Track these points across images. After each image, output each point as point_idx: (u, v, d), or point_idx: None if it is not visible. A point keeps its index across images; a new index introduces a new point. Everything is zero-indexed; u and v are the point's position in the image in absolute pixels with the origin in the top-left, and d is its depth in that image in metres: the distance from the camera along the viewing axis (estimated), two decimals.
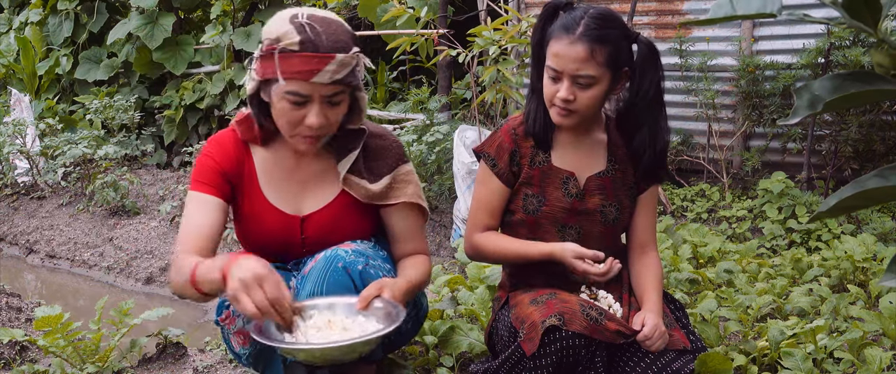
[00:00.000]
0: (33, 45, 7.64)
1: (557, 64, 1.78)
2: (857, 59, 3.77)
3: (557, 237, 1.96)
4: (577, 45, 1.76)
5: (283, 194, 1.94)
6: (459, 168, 3.95)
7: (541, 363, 1.74)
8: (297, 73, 1.69)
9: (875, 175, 0.85)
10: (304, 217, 1.94)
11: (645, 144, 1.91)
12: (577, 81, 1.78)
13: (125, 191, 5.29)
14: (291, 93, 1.72)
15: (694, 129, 4.64)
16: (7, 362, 2.61)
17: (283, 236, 1.94)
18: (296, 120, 1.76)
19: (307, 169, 1.96)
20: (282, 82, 1.71)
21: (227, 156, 1.92)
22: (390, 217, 1.99)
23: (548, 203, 1.94)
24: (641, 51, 1.85)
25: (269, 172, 1.94)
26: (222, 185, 1.90)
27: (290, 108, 1.74)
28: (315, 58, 1.69)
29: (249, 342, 1.87)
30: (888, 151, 4.04)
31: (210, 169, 1.90)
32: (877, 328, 2.33)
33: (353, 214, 1.96)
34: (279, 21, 1.74)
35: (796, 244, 3.67)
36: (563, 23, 1.80)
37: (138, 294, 4.28)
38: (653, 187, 2.02)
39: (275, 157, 1.95)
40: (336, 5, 5.92)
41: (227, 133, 1.96)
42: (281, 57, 1.70)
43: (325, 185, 1.96)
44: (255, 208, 1.94)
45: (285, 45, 1.69)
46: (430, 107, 5.19)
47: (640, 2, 4.67)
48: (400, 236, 2.01)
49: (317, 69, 1.69)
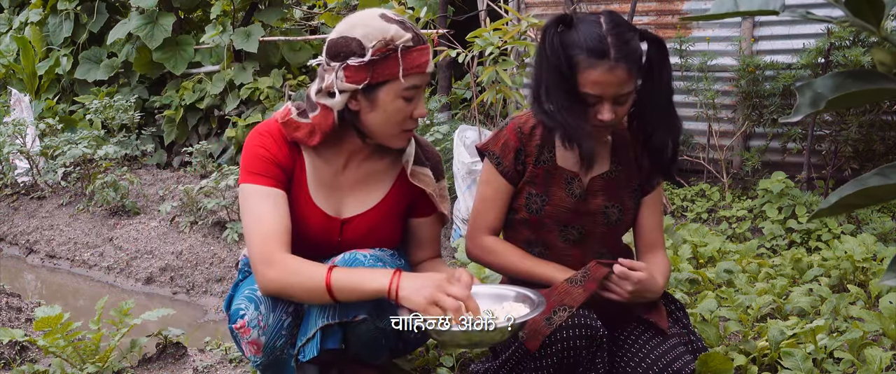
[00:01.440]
0: (33, 45, 7.64)
1: (598, 91, 1.74)
2: (857, 59, 3.77)
3: (559, 238, 1.95)
4: (616, 70, 1.72)
5: (328, 195, 1.95)
6: (459, 168, 3.94)
7: (542, 363, 1.74)
8: (417, 66, 1.77)
9: (876, 173, 0.85)
10: (344, 220, 1.96)
11: (665, 141, 1.89)
12: (618, 101, 1.77)
13: (125, 191, 5.28)
14: (411, 87, 1.79)
15: (694, 129, 4.64)
16: (7, 362, 2.61)
17: (322, 236, 1.95)
18: (407, 115, 1.82)
19: (353, 173, 1.97)
20: (401, 80, 1.76)
21: (281, 148, 1.89)
22: (421, 226, 2.07)
23: (551, 203, 1.93)
24: (653, 49, 1.82)
25: (317, 173, 1.94)
26: (280, 176, 1.87)
27: (405, 104, 1.80)
28: (426, 49, 1.79)
29: (262, 351, 1.86)
30: (888, 151, 4.04)
31: (267, 160, 1.86)
32: (877, 328, 2.33)
33: (390, 220, 2.00)
34: (374, 23, 1.76)
35: (796, 244, 3.67)
36: (588, 46, 1.73)
37: (138, 294, 4.28)
38: (658, 187, 2.02)
39: (324, 158, 1.94)
40: (336, 5, 5.93)
41: (275, 126, 1.90)
42: (404, 54, 1.76)
43: (370, 189, 1.98)
44: (301, 207, 1.92)
45: (403, 43, 1.75)
46: (430, 107, 5.19)
47: (640, 2, 4.67)
48: (423, 242, 2.09)
49: (428, 60, 1.80)
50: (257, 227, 1.80)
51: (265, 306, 1.85)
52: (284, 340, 1.88)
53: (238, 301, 1.87)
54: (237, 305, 1.86)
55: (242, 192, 1.86)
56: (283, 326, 1.87)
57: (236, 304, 1.86)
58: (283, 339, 1.87)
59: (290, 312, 1.88)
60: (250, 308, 1.83)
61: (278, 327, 1.86)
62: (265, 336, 1.84)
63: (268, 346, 1.86)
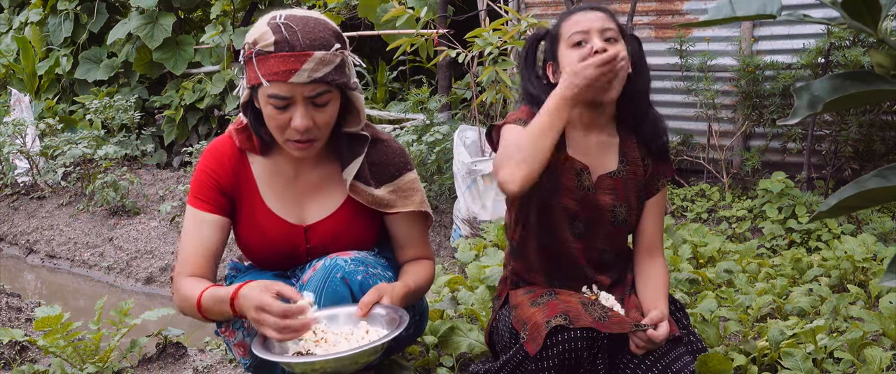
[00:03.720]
0: (33, 45, 7.64)
1: (583, 26, 1.86)
2: (856, 60, 3.76)
3: (567, 226, 1.95)
4: (594, 10, 1.89)
5: (285, 203, 1.90)
6: (459, 168, 3.94)
7: (543, 364, 1.74)
8: (275, 74, 1.65)
9: (875, 175, 0.85)
10: (307, 227, 1.91)
11: (656, 127, 1.99)
12: (605, 35, 1.85)
13: (125, 191, 5.29)
14: (273, 96, 1.67)
15: (694, 129, 4.64)
16: (7, 362, 2.61)
17: (288, 246, 1.91)
18: (283, 124, 1.71)
19: (309, 177, 1.92)
20: (265, 85, 1.68)
21: (224, 168, 1.88)
22: (395, 224, 1.96)
23: (560, 192, 1.93)
24: (634, 47, 1.92)
25: (270, 182, 1.90)
26: (219, 200, 1.87)
27: (275, 112, 1.70)
28: (291, 57, 1.64)
29: (249, 353, 1.86)
30: (888, 151, 4.04)
31: (206, 184, 1.87)
32: (877, 328, 2.33)
33: (358, 222, 1.93)
34: (259, 24, 1.71)
35: (796, 244, 3.67)
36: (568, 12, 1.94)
37: (138, 294, 4.28)
38: (662, 191, 2.04)
39: (275, 166, 1.90)
40: (336, 5, 5.93)
41: (225, 141, 1.91)
42: (259, 59, 1.67)
43: (329, 193, 1.92)
44: (258, 219, 1.90)
45: (261, 47, 1.66)
46: (430, 107, 5.19)
47: (640, 2, 4.67)
48: (404, 243, 1.98)
49: (294, 69, 1.64)
50: (179, 251, 1.87)
51: None
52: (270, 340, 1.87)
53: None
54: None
55: (186, 211, 1.92)
56: None
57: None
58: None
59: None
60: None
61: None
62: (250, 337, 1.83)
63: None
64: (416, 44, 3.94)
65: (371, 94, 6.74)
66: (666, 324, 1.81)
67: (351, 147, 1.88)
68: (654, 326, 1.80)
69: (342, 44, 1.73)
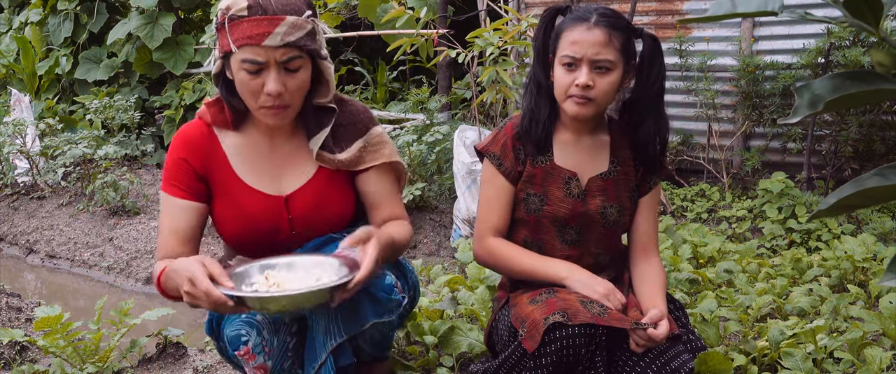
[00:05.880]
0: (33, 45, 7.64)
1: (576, 50, 1.80)
2: (857, 60, 3.76)
3: (557, 238, 1.96)
4: (594, 30, 1.80)
5: (262, 176, 1.90)
6: (459, 168, 3.94)
7: (541, 362, 1.74)
8: (248, 38, 1.66)
9: (875, 174, 0.85)
10: (287, 196, 1.89)
11: (650, 135, 1.93)
12: (597, 66, 1.81)
13: (125, 191, 5.29)
14: (246, 61, 1.68)
15: (694, 129, 4.64)
16: (7, 362, 2.61)
17: (270, 218, 1.89)
18: (256, 89, 1.72)
19: (283, 149, 1.91)
20: (235, 51, 1.68)
21: (194, 150, 1.87)
22: (367, 183, 1.94)
23: (549, 203, 1.94)
24: (647, 44, 1.88)
25: (244, 156, 1.90)
26: (193, 185, 1.86)
27: (248, 78, 1.70)
28: (264, 20, 1.66)
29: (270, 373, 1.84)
30: (888, 151, 4.04)
31: (178, 169, 1.87)
32: (877, 328, 2.33)
33: (335, 186, 1.92)
34: None
35: (796, 244, 3.67)
36: (574, 16, 1.85)
37: (138, 294, 4.27)
38: (654, 189, 2.03)
39: (248, 139, 1.90)
40: (336, 5, 5.92)
41: (194, 124, 1.91)
42: (231, 25, 1.67)
43: (303, 162, 1.91)
44: (235, 196, 1.88)
45: (234, 13, 1.67)
46: (430, 107, 5.19)
47: (640, 2, 4.67)
48: (377, 200, 1.95)
49: (267, 32, 1.66)
50: (158, 238, 1.89)
51: (268, 331, 1.80)
52: (291, 361, 1.85)
53: (237, 327, 1.79)
54: (236, 331, 1.78)
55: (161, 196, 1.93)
56: (288, 348, 1.84)
57: (235, 330, 1.78)
58: (289, 360, 1.85)
59: (294, 332, 1.85)
60: (253, 334, 1.78)
61: (284, 349, 1.84)
62: (271, 360, 1.80)
63: (275, 368, 1.83)
64: (416, 44, 3.94)
65: (371, 94, 6.74)
66: (666, 323, 1.81)
67: (318, 118, 1.89)
68: (654, 325, 1.80)
69: (313, 11, 1.75)
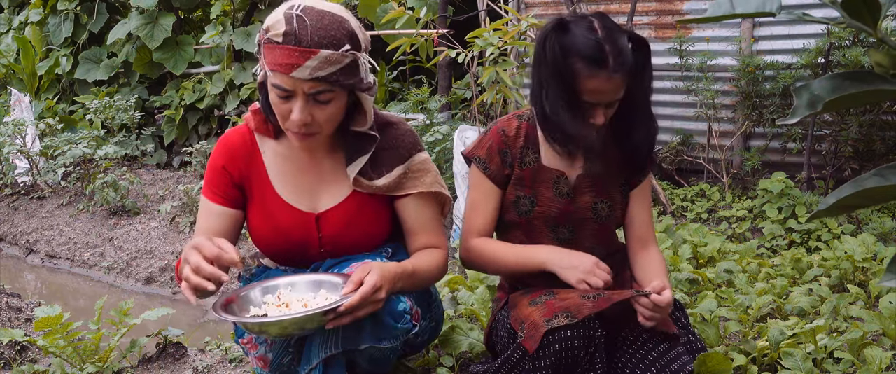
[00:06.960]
0: (33, 45, 7.64)
1: (595, 98, 1.78)
2: (856, 60, 3.76)
3: (551, 238, 1.96)
4: (614, 78, 1.75)
5: (296, 190, 1.89)
6: (459, 168, 3.95)
7: (540, 363, 1.74)
8: (279, 65, 1.63)
9: (874, 174, 0.85)
10: (319, 215, 1.88)
11: (643, 140, 1.92)
12: (610, 105, 1.81)
13: (125, 191, 5.29)
14: (276, 85, 1.66)
15: (694, 129, 4.64)
16: (7, 362, 2.61)
17: (299, 234, 1.88)
18: (284, 113, 1.70)
19: (321, 165, 1.90)
20: (269, 73, 1.67)
21: (235, 157, 1.88)
22: (405, 209, 1.92)
23: (540, 204, 1.94)
24: (636, 49, 1.83)
25: (281, 168, 1.89)
26: (230, 192, 1.88)
27: (278, 101, 1.69)
28: (296, 52, 1.61)
29: (269, 366, 1.87)
30: (888, 151, 4.04)
31: (216, 175, 1.88)
32: (877, 328, 2.33)
33: (369, 208, 1.90)
34: (278, 9, 1.69)
35: (796, 244, 3.67)
36: (587, 54, 1.75)
37: (138, 294, 4.28)
38: (645, 181, 2.02)
39: (287, 152, 1.89)
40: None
41: (237, 130, 1.92)
42: (266, 47, 1.65)
43: (339, 182, 1.89)
44: (268, 207, 1.89)
45: (271, 36, 1.64)
46: (430, 107, 5.19)
47: (640, 2, 4.67)
48: (413, 228, 1.93)
49: (296, 64, 1.61)
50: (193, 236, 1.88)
51: None
52: (291, 356, 1.86)
53: None
54: None
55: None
56: (289, 342, 1.86)
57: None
58: (289, 355, 1.86)
59: None
60: None
61: (285, 344, 1.85)
62: (272, 353, 1.83)
63: (275, 362, 1.85)
64: (415, 44, 3.94)
65: None
66: (669, 291, 1.79)
67: (357, 144, 1.86)
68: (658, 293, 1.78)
69: (354, 45, 1.68)
